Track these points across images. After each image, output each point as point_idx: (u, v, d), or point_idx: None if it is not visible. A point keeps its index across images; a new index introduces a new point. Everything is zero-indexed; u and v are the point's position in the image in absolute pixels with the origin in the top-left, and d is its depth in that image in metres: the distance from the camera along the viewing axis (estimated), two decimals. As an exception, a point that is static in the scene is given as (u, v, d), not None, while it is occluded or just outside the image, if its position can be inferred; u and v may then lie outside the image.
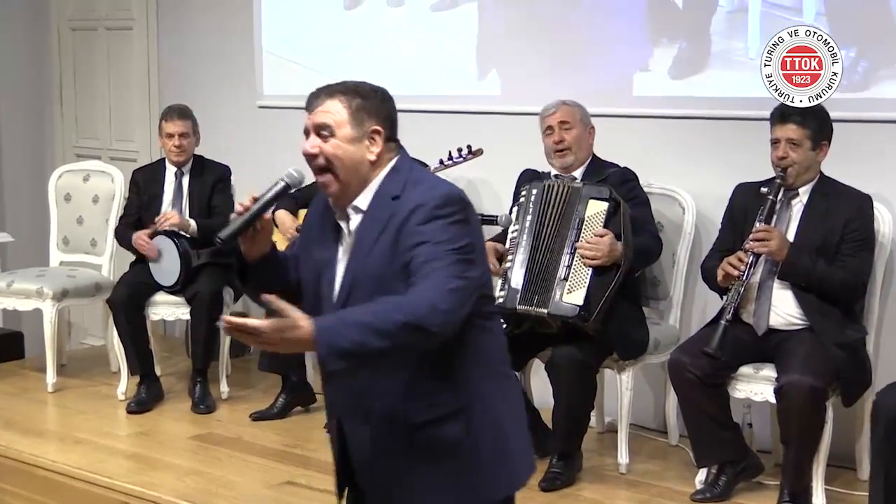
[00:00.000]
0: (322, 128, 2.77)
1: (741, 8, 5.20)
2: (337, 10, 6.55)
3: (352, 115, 2.77)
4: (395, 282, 2.68)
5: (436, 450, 2.79)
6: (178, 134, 6.00)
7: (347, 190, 2.80)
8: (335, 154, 2.77)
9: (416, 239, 2.66)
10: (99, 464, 5.08)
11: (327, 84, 2.84)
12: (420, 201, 2.70)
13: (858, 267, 4.53)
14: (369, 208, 2.79)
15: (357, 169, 2.79)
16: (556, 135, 4.98)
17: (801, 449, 4.38)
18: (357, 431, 2.86)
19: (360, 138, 2.78)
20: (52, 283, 6.27)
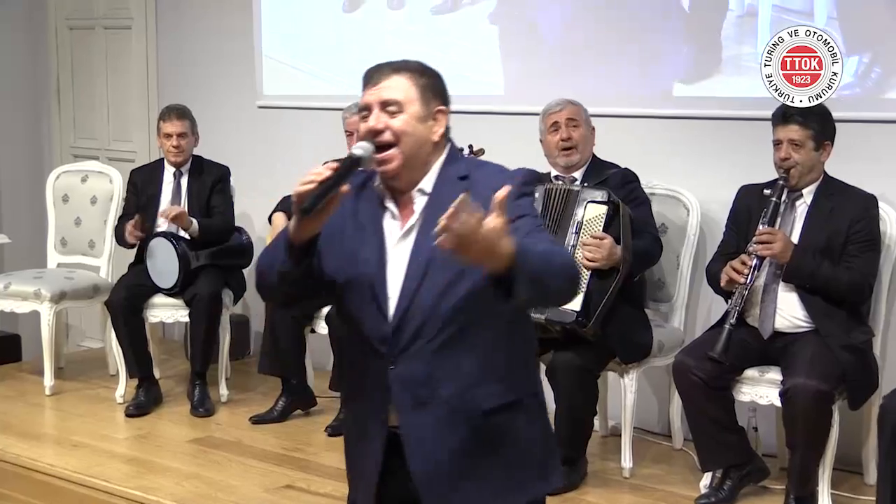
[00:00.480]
0: (390, 104, 2.70)
1: (751, 13, 5.16)
2: (336, 12, 6.52)
3: (421, 93, 2.72)
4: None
5: (499, 439, 2.73)
6: (176, 134, 5.97)
7: (408, 169, 2.71)
8: (404, 130, 2.69)
9: (515, 212, 2.60)
10: (97, 467, 5.05)
11: (388, 60, 2.78)
12: (504, 177, 2.67)
13: (865, 268, 4.50)
14: (435, 190, 2.73)
15: (421, 148, 2.72)
16: (563, 131, 4.95)
17: (807, 453, 4.35)
18: (416, 421, 2.71)
19: (427, 117, 2.72)
20: (49, 284, 6.24)
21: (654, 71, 5.45)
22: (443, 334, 2.67)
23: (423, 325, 2.67)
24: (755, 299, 4.57)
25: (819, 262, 4.44)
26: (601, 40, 5.59)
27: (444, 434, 2.71)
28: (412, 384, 2.69)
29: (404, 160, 2.70)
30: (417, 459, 2.72)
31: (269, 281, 2.77)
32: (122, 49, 7.60)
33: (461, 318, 2.66)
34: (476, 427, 2.71)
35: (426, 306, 2.66)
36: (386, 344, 2.69)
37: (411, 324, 2.68)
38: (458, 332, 2.67)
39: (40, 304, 6.17)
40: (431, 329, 2.67)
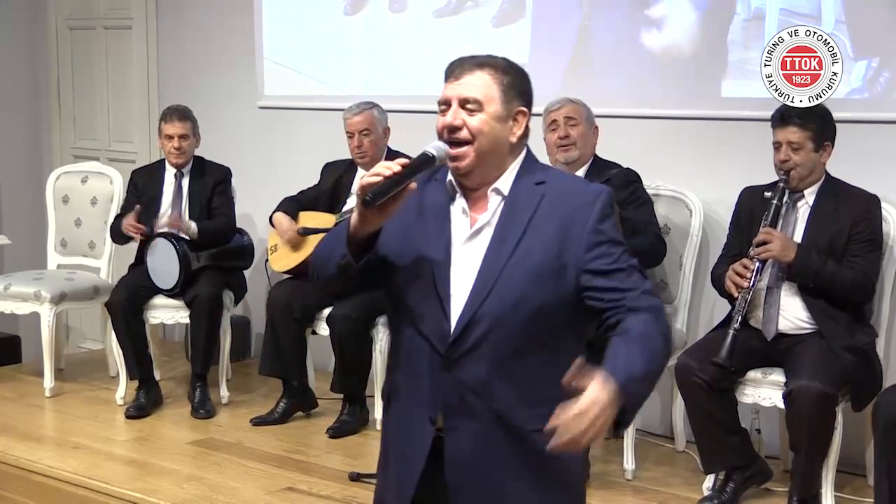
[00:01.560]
0: (469, 101, 2.63)
1: (758, 16, 5.14)
2: (337, 14, 6.50)
3: (502, 93, 2.64)
4: (555, 278, 2.58)
5: (538, 461, 2.63)
6: (177, 136, 5.95)
7: (481, 168, 2.65)
8: (481, 130, 2.61)
9: (599, 238, 2.58)
10: (97, 469, 5.03)
11: (472, 54, 2.70)
12: (590, 196, 2.62)
13: (868, 267, 4.50)
14: (512, 193, 2.65)
15: (498, 148, 2.64)
16: (561, 130, 4.95)
17: (811, 455, 4.34)
18: (461, 429, 2.64)
19: (507, 118, 2.64)
20: (49, 286, 6.22)
21: (659, 72, 5.43)
22: (507, 346, 2.59)
23: (489, 333, 2.59)
24: (758, 301, 4.56)
25: (823, 261, 4.43)
26: (605, 42, 5.58)
27: (486, 446, 2.65)
28: (466, 390, 2.62)
29: (477, 159, 2.63)
30: (455, 467, 2.66)
31: (326, 272, 2.70)
32: (123, 49, 7.58)
33: (530, 333, 2.59)
34: (518, 445, 2.64)
35: (495, 315, 2.59)
36: (445, 344, 2.61)
37: (476, 330, 2.60)
38: (526, 347, 2.60)
39: (40, 305, 6.15)
40: (496, 339, 2.59)
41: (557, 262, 2.58)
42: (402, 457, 2.73)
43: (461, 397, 2.62)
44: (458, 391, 2.62)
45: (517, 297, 2.58)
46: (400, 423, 2.76)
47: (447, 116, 2.64)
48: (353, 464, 5.02)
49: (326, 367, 5.95)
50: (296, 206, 5.77)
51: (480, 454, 2.64)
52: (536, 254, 2.59)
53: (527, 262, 2.58)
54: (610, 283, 2.57)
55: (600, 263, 2.57)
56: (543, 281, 2.57)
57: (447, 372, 2.62)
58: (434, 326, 2.63)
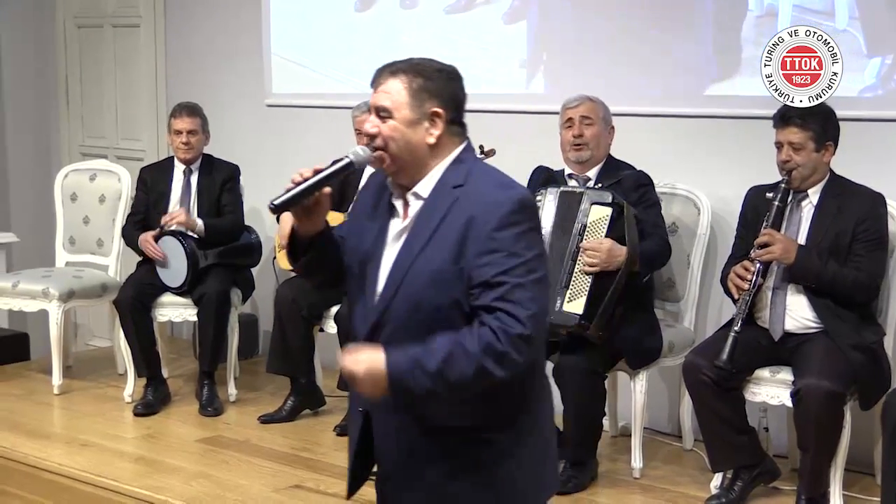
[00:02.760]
0: (381, 109, 2.71)
1: (770, 13, 5.12)
2: (347, 11, 6.50)
3: (411, 97, 2.70)
4: (453, 283, 2.62)
5: (463, 456, 2.72)
6: (186, 131, 5.95)
7: (404, 172, 2.73)
8: (391, 136, 2.69)
9: (488, 245, 2.58)
10: (105, 466, 5.04)
11: (393, 61, 2.77)
12: (493, 201, 2.62)
13: (872, 267, 4.48)
14: (430, 196, 2.71)
15: (414, 152, 2.71)
16: (575, 128, 4.93)
17: (819, 454, 4.34)
18: (382, 419, 2.78)
19: (420, 120, 2.70)
20: (58, 283, 6.22)
21: (670, 71, 5.42)
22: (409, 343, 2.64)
23: (394, 333, 2.68)
24: (765, 302, 4.55)
25: (825, 262, 4.42)
26: (616, 39, 5.56)
27: (404, 435, 2.75)
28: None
29: (393, 163, 2.71)
30: (381, 454, 2.84)
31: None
32: (131, 47, 7.59)
33: (429, 333, 2.61)
34: (439, 440, 2.71)
35: (398, 316, 2.68)
36: (365, 340, 2.72)
37: (385, 329, 2.70)
38: None
39: (49, 302, 6.16)
40: (401, 339, 2.65)
41: (455, 266, 2.62)
42: (350, 440, 2.95)
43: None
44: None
45: (417, 300, 2.65)
46: (351, 412, 2.95)
47: (366, 125, 2.75)
48: (360, 462, 5.01)
49: (334, 365, 5.89)
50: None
51: (401, 442, 2.76)
52: (437, 259, 2.64)
53: (428, 267, 2.65)
54: (486, 294, 2.58)
55: (483, 273, 2.58)
56: (442, 285, 2.63)
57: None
58: (360, 323, 2.78)
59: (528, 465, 2.77)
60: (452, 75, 2.76)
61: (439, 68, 2.75)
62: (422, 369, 2.54)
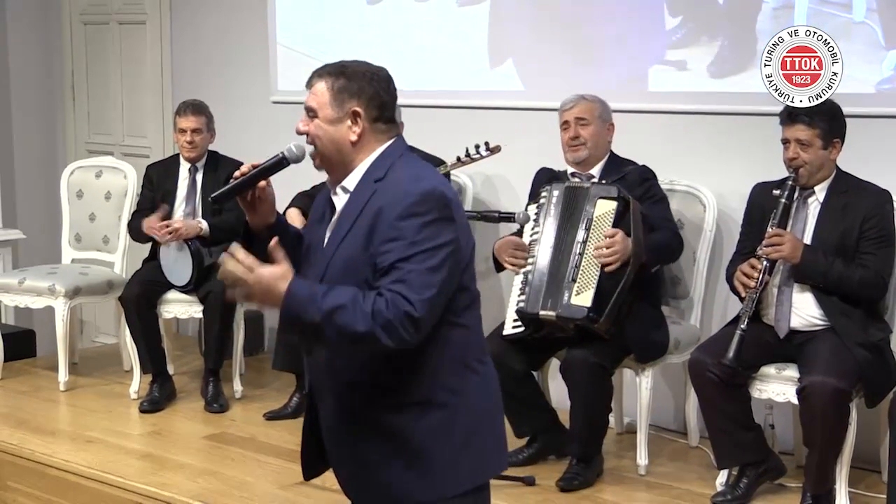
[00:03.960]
0: (309, 110, 2.90)
1: (787, 5, 5.10)
2: (359, 4, 6.49)
3: (333, 97, 2.87)
4: (364, 268, 2.76)
5: (395, 436, 2.83)
6: (190, 130, 5.96)
7: (332, 168, 2.91)
8: (316, 134, 2.89)
9: (391, 233, 2.72)
10: (111, 463, 5.05)
11: (324, 64, 2.96)
12: (402, 192, 2.75)
13: (879, 264, 4.47)
14: (354, 190, 2.87)
15: (338, 150, 2.88)
16: (571, 130, 4.94)
17: (825, 451, 4.33)
18: (323, 401, 2.95)
19: (341, 119, 2.86)
20: (64, 280, 6.23)
21: (682, 66, 5.41)
22: None
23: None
24: (771, 299, 4.55)
25: (831, 262, 4.41)
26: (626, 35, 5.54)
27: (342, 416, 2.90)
28: (318, 370, 2.92)
29: (321, 160, 2.91)
30: (327, 436, 2.99)
31: None
32: (137, 44, 7.60)
33: None
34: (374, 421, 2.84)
35: None
36: None
37: None
38: None
39: (55, 299, 6.16)
40: None
41: (365, 253, 2.76)
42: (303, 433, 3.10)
43: (316, 375, 2.95)
44: (314, 370, 2.96)
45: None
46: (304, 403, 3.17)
47: (298, 124, 2.94)
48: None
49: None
50: (309, 201, 5.75)
51: (341, 424, 2.91)
52: (352, 247, 2.78)
53: (343, 255, 2.80)
54: (384, 279, 2.70)
55: (384, 259, 2.71)
56: (355, 272, 2.76)
57: (308, 353, 2.96)
58: None
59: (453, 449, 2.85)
60: (377, 76, 2.92)
61: (363, 70, 2.93)
62: (316, 304, 2.65)
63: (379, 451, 2.85)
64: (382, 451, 2.85)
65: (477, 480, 2.93)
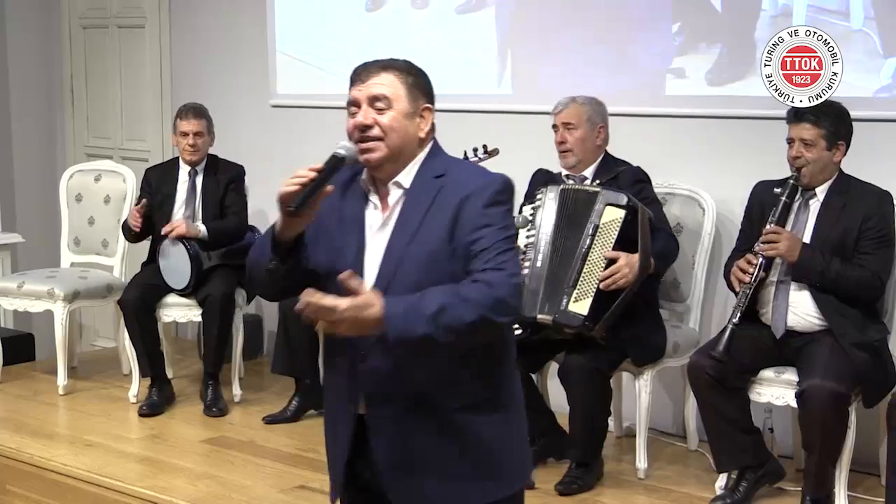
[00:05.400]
0: (378, 99, 2.79)
1: (785, 13, 5.11)
2: (358, 11, 6.50)
3: (408, 91, 2.81)
4: (448, 261, 2.71)
5: (461, 438, 2.79)
6: (192, 133, 5.95)
7: (392, 163, 2.80)
8: (391, 126, 2.78)
9: (481, 221, 2.71)
10: (110, 467, 5.04)
11: (374, 59, 2.88)
12: (482, 183, 2.75)
13: (877, 265, 4.47)
14: (412, 186, 2.81)
15: (407, 144, 2.81)
16: (558, 135, 4.95)
17: (824, 454, 4.33)
18: (382, 413, 2.80)
19: (414, 114, 2.81)
20: (63, 284, 6.23)
21: (680, 70, 5.41)
22: None
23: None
24: (768, 297, 4.55)
25: (828, 261, 4.41)
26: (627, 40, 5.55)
27: (406, 427, 2.78)
28: (380, 377, 2.76)
29: (389, 153, 2.79)
30: (381, 449, 2.81)
31: (258, 277, 2.87)
32: (136, 48, 7.60)
33: None
34: (439, 423, 2.77)
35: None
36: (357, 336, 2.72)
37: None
38: None
39: (54, 303, 6.16)
40: None
41: (449, 246, 2.72)
42: (333, 442, 2.96)
43: (378, 384, 2.77)
44: (375, 378, 2.77)
45: (416, 282, 2.69)
46: (331, 412, 2.98)
47: (358, 116, 2.79)
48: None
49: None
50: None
51: (403, 434, 2.79)
52: (432, 241, 2.73)
53: (423, 249, 2.73)
54: (479, 261, 2.69)
55: (478, 245, 2.70)
56: (438, 265, 2.71)
57: (362, 362, 2.77)
58: None
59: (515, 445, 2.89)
60: (429, 77, 2.90)
61: (421, 69, 2.89)
62: (418, 315, 2.58)
63: (446, 454, 2.79)
64: (450, 453, 2.79)
65: (526, 478, 3.00)
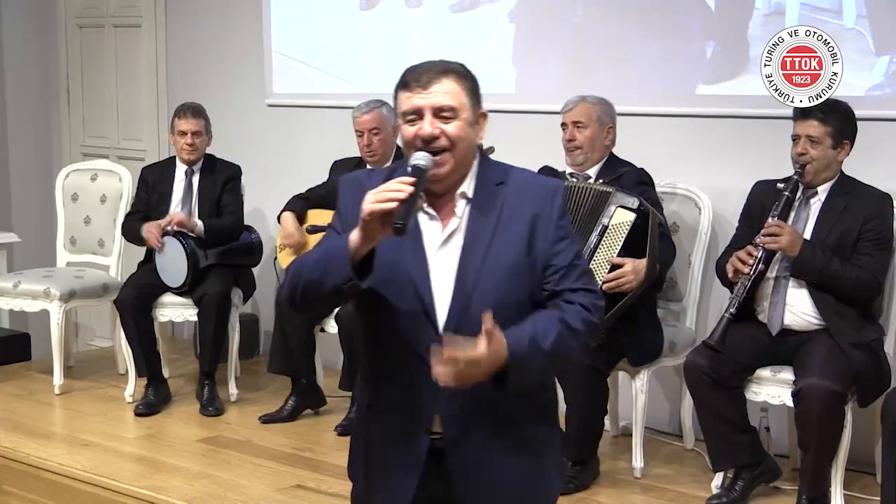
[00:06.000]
0: (444, 109, 2.66)
1: (778, 11, 5.11)
2: (352, 10, 6.49)
3: (469, 98, 2.70)
4: (528, 275, 2.67)
5: (531, 447, 2.76)
6: (191, 132, 5.95)
7: (457, 174, 2.69)
8: (459, 136, 2.65)
9: (558, 233, 2.69)
10: (106, 466, 5.04)
11: (429, 61, 2.75)
12: (550, 191, 2.72)
13: (875, 266, 4.48)
14: (475, 196, 2.71)
15: (469, 153, 2.71)
16: (568, 133, 4.95)
17: (820, 453, 4.33)
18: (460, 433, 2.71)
19: (474, 122, 2.71)
20: (59, 283, 6.23)
21: (675, 70, 5.41)
22: None
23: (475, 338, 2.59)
24: (765, 294, 4.55)
25: (828, 259, 4.42)
26: (621, 38, 5.54)
27: (488, 445, 2.71)
28: (460, 395, 2.63)
29: (455, 165, 2.67)
30: (460, 469, 2.72)
31: (319, 293, 2.66)
32: (132, 47, 7.59)
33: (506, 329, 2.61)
34: (517, 438, 2.73)
35: (478, 315, 2.59)
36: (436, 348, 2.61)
37: (465, 330, 2.61)
38: None
39: (50, 302, 6.16)
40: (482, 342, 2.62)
41: (528, 259, 2.67)
42: (394, 466, 2.77)
43: (456, 403, 2.67)
44: (453, 397, 2.64)
45: (498, 298, 2.63)
46: (389, 434, 2.78)
47: (425, 127, 2.65)
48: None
49: (335, 365, 5.95)
50: (304, 204, 5.77)
51: (482, 452, 2.71)
52: (509, 254, 2.66)
53: (501, 263, 2.66)
54: (563, 278, 2.68)
55: (561, 259, 2.68)
56: (519, 278, 2.67)
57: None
58: (422, 338, 2.65)
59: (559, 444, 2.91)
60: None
61: (473, 73, 2.76)
62: (538, 349, 2.57)
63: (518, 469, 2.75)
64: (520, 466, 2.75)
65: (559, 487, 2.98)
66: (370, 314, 2.76)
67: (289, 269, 2.79)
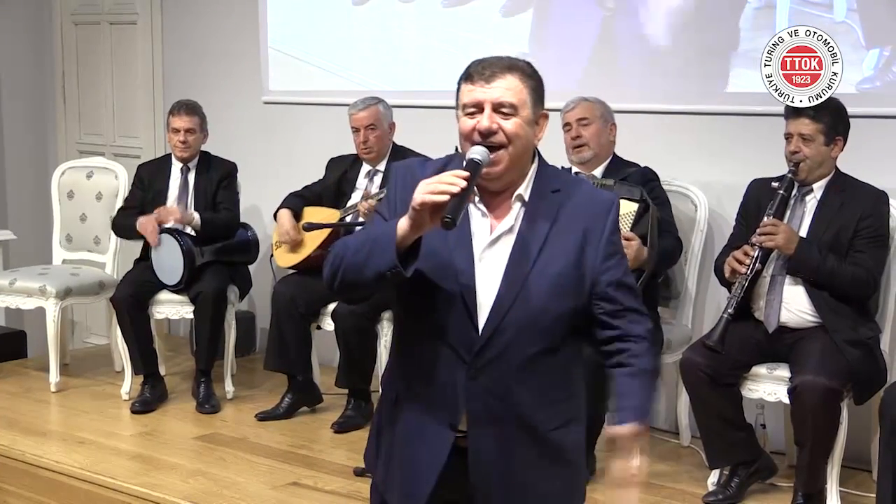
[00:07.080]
0: (504, 105, 2.61)
1: (769, 5, 5.11)
2: (345, 5, 6.49)
3: (531, 96, 2.64)
4: (574, 286, 2.64)
5: (557, 455, 2.73)
6: (183, 129, 5.95)
7: (512, 173, 2.64)
8: (517, 134, 2.61)
9: (609, 249, 2.67)
10: (102, 464, 5.04)
11: (495, 56, 2.70)
12: (606, 205, 2.70)
13: (871, 263, 4.49)
14: (531, 200, 2.66)
15: (526, 153, 2.65)
16: (573, 131, 4.96)
17: (816, 450, 4.34)
18: (486, 433, 2.67)
19: (534, 122, 2.65)
20: (55, 281, 6.22)
21: (666, 67, 5.42)
22: (528, 353, 2.63)
23: (513, 341, 2.61)
24: (762, 292, 4.56)
25: (824, 256, 4.42)
26: (613, 36, 5.55)
27: (509, 447, 2.69)
28: (490, 396, 2.64)
29: (511, 163, 2.62)
30: (480, 469, 2.69)
31: (361, 279, 2.60)
32: (128, 45, 7.58)
33: (548, 339, 2.63)
34: (541, 444, 2.70)
35: (520, 324, 2.60)
36: (471, 353, 2.62)
37: (502, 338, 2.61)
38: (543, 352, 2.64)
39: (46, 300, 6.15)
40: (520, 346, 2.62)
41: (577, 272, 2.64)
42: (416, 459, 2.74)
43: (485, 403, 2.65)
44: (482, 397, 2.64)
45: (540, 306, 2.62)
46: (414, 428, 2.75)
47: (483, 120, 2.61)
48: (357, 459, 4.99)
49: (331, 362, 5.95)
50: (301, 202, 5.77)
51: (503, 455, 2.69)
52: (558, 263, 2.63)
53: (548, 272, 2.62)
54: (617, 296, 2.67)
55: (612, 275, 2.66)
56: (564, 290, 2.63)
57: (472, 379, 2.63)
58: (460, 335, 2.63)
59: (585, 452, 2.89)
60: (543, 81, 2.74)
61: (538, 73, 2.72)
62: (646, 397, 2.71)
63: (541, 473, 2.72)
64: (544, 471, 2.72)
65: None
66: (409, 305, 2.73)
67: (331, 251, 2.70)
